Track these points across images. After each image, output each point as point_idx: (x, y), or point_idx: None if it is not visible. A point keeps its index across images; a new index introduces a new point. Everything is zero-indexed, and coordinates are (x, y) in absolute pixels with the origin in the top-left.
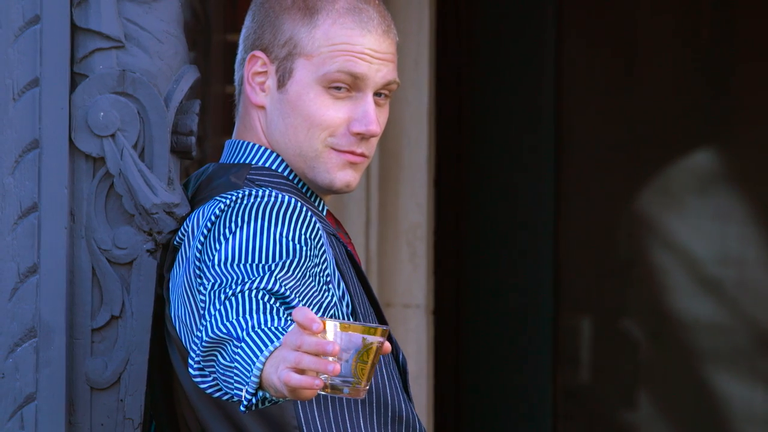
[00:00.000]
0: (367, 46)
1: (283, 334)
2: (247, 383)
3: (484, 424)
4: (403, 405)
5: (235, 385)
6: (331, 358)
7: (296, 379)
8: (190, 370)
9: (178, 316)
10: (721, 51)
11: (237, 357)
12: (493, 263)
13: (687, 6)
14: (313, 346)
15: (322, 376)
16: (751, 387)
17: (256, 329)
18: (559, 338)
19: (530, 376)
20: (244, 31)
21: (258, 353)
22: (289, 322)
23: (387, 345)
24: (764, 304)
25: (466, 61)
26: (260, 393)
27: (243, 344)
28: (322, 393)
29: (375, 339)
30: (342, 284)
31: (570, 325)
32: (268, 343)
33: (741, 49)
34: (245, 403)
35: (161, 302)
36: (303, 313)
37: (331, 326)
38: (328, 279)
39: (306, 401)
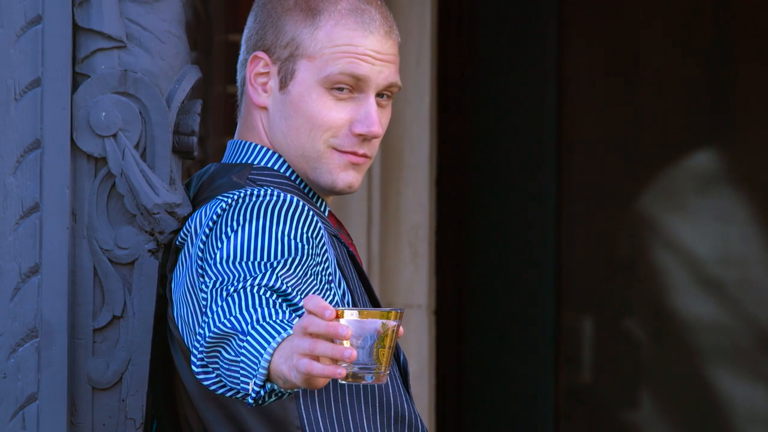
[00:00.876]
0: (370, 48)
1: (289, 327)
2: (255, 375)
3: (486, 423)
4: (405, 405)
5: (242, 379)
6: (347, 344)
7: (319, 368)
8: (193, 367)
9: (181, 316)
10: (723, 51)
11: (243, 351)
12: (495, 263)
13: (688, 6)
14: (324, 328)
15: (344, 365)
16: (752, 387)
17: (261, 322)
18: (560, 338)
19: (532, 376)
20: (246, 31)
21: (265, 345)
22: (293, 316)
23: (401, 328)
24: (766, 303)
25: (468, 60)
26: (268, 385)
27: (249, 337)
28: (344, 382)
29: (392, 323)
30: (343, 283)
31: (572, 324)
32: (275, 335)
33: (742, 49)
34: (253, 395)
35: (163, 302)
36: (314, 301)
37: (350, 314)
38: (330, 278)
39: (308, 401)
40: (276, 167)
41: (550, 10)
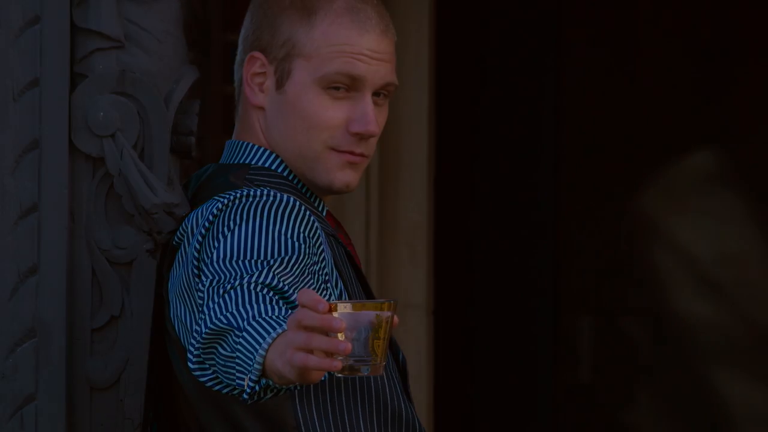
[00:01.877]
0: (366, 47)
1: (285, 323)
2: (250, 371)
3: (485, 424)
4: (402, 405)
5: (237, 375)
6: (341, 337)
7: (315, 361)
8: (189, 363)
9: (177, 316)
10: (722, 51)
11: (239, 346)
12: (494, 263)
13: (688, 5)
14: (318, 321)
15: (339, 358)
16: (750, 386)
17: (257, 318)
18: (559, 338)
19: (531, 376)
20: (243, 31)
21: (261, 340)
22: (290, 313)
23: (396, 318)
24: (764, 303)
25: (466, 59)
26: (263, 381)
27: (245, 333)
28: (341, 375)
29: (386, 313)
30: (340, 283)
31: (570, 324)
32: (270, 331)
33: (742, 49)
34: (248, 391)
35: (161, 302)
36: (308, 295)
37: (343, 307)
38: (326, 278)
39: (304, 401)
40: (273, 167)
41: (550, 9)
